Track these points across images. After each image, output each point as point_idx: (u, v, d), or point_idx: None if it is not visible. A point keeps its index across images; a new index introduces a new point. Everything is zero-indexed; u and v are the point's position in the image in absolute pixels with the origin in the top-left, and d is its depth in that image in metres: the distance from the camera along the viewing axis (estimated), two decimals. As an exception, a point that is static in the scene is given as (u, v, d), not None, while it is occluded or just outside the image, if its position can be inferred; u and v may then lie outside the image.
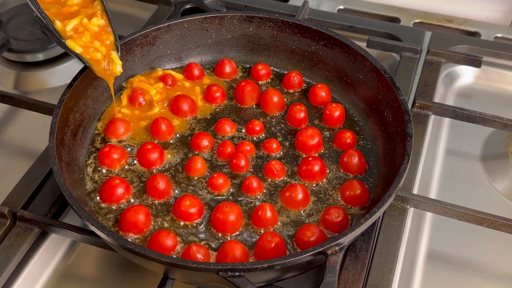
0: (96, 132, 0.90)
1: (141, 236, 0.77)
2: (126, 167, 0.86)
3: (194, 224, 0.79)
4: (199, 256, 0.73)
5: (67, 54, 1.15)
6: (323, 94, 0.95)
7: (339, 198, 0.82)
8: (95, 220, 0.71)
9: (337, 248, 0.68)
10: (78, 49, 0.84)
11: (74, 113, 0.87)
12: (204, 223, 0.79)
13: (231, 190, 0.83)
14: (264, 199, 0.82)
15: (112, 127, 0.89)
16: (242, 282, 0.65)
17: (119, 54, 0.87)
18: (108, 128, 0.90)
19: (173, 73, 0.99)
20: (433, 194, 0.92)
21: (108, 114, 0.93)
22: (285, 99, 0.96)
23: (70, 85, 0.86)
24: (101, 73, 0.86)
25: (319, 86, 0.96)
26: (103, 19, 0.87)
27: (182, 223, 0.79)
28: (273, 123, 0.93)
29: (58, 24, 0.84)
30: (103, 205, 0.81)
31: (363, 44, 1.04)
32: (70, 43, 0.84)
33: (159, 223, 0.79)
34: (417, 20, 1.23)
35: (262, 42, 1.02)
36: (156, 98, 0.94)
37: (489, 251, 0.85)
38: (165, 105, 0.95)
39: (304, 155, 0.88)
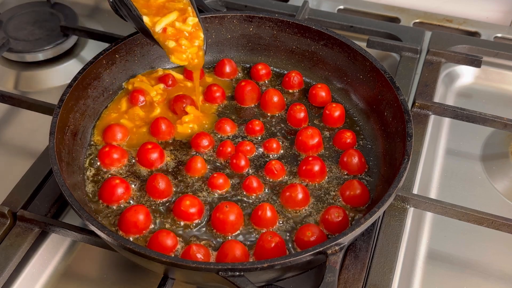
0: (93, 143, 0.89)
1: (141, 236, 0.77)
2: (126, 167, 0.86)
3: (194, 224, 0.79)
4: (199, 256, 0.73)
5: (66, 54, 1.15)
6: (323, 94, 0.95)
7: (339, 198, 0.82)
8: (95, 220, 0.71)
9: (337, 248, 0.68)
10: (183, 63, 0.85)
11: (74, 113, 0.87)
12: (204, 223, 0.79)
13: (231, 190, 0.83)
14: (264, 199, 0.82)
15: (110, 133, 0.89)
16: (242, 282, 0.65)
17: (205, 47, 0.87)
18: (106, 134, 0.89)
19: (173, 73, 0.99)
20: (433, 194, 0.92)
21: (101, 123, 0.91)
22: (285, 99, 0.96)
23: (70, 85, 0.86)
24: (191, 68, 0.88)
25: (319, 86, 0.96)
26: (194, 16, 0.87)
27: (182, 223, 0.79)
28: (273, 123, 0.93)
29: (145, 20, 0.84)
30: (103, 205, 0.81)
31: (363, 44, 1.04)
32: (174, 60, 0.84)
33: (159, 223, 0.79)
34: (417, 20, 1.23)
35: (262, 42, 1.02)
36: (156, 99, 0.94)
37: (489, 251, 0.85)
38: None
39: (304, 155, 0.88)
